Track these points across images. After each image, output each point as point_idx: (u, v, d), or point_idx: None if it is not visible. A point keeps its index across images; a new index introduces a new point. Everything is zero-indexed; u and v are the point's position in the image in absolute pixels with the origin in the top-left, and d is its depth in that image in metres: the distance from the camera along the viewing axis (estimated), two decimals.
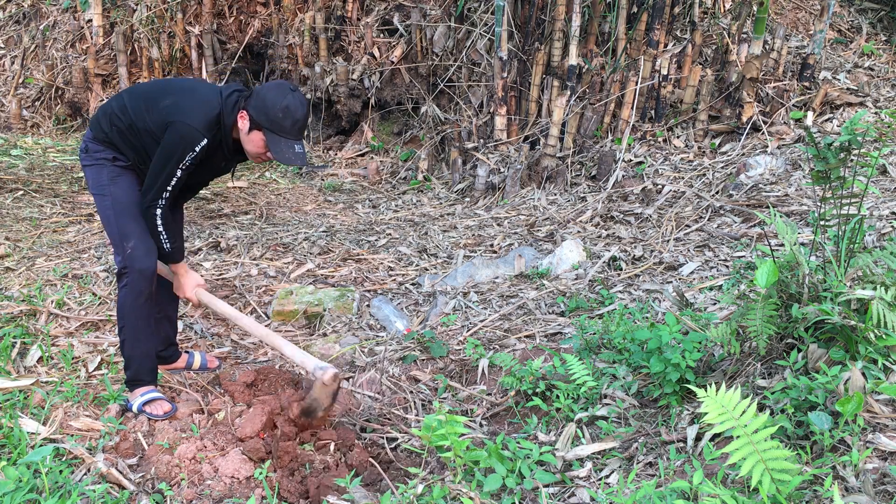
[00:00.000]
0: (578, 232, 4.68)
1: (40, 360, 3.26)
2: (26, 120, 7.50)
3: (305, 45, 7.08)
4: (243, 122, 2.73)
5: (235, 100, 2.75)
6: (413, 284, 4.28)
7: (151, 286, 2.89)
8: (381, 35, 7.03)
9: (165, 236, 2.82)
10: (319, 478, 2.59)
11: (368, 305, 3.99)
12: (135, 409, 2.89)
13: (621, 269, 4.05)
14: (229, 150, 2.83)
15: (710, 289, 3.55)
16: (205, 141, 2.69)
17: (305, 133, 2.94)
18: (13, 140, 6.95)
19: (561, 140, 5.63)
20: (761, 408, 2.30)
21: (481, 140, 6.04)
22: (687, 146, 5.47)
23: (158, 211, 2.76)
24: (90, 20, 7.69)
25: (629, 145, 5.51)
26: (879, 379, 2.18)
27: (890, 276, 2.32)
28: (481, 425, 2.90)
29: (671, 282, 3.79)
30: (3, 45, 8.31)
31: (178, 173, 2.71)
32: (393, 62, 6.78)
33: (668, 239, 4.31)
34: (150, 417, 2.87)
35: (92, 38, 7.63)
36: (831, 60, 6.01)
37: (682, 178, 5.07)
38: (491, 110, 6.04)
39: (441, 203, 5.83)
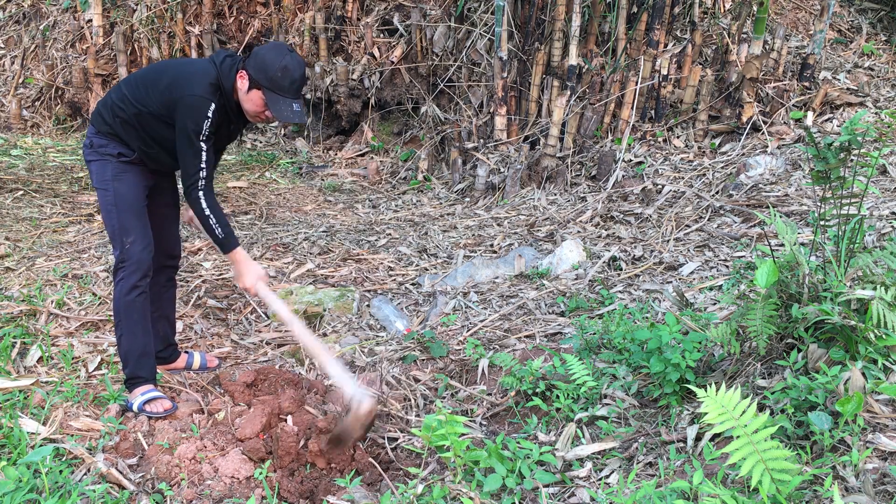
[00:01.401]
0: (578, 232, 4.68)
1: (40, 360, 3.26)
2: (26, 120, 7.50)
3: (305, 45, 7.08)
4: (242, 82, 2.76)
5: (230, 64, 2.79)
6: (413, 284, 4.28)
7: (147, 281, 2.89)
8: (381, 35, 7.03)
9: (215, 220, 2.78)
10: (319, 478, 2.60)
11: (368, 305, 3.99)
12: (135, 408, 2.89)
13: (621, 269, 4.05)
14: (234, 113, 2.87)
15: (710, 289, 3.55)
16: (213, 105, 2.72)
17: (302, 93, 3.00)
18: (13, 140, 6.95)
19: (561, 140, 5.63)
20: (761, 408, 2.30)
21: (481, 140, 6.04)
22: (687, 146, 5.47)
23: (200, 193, 2.75)
24: (90, 20, 7.69)
25: (629, 145, 5.51)
26: (879, 379, 2.18)
27: (890, 276, 2.32)
28: (481, 425, 2.90)
29: (671, 282, 3.79)
30: (3, 45, 8.31)
31: (204, 146, 2.74)
32: (393, 62, 6.78)
33: (668, 239, 4.31)
34: (151, 416, 2.87)
35: (92, 38, 7.63)
36: (831, 60, 6.01)
37: (682, 178, 5.07)
38: (491, 110, 6.04)
39: (441, 203, 5.83)
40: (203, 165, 2.75)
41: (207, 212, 2.77)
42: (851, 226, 2.46)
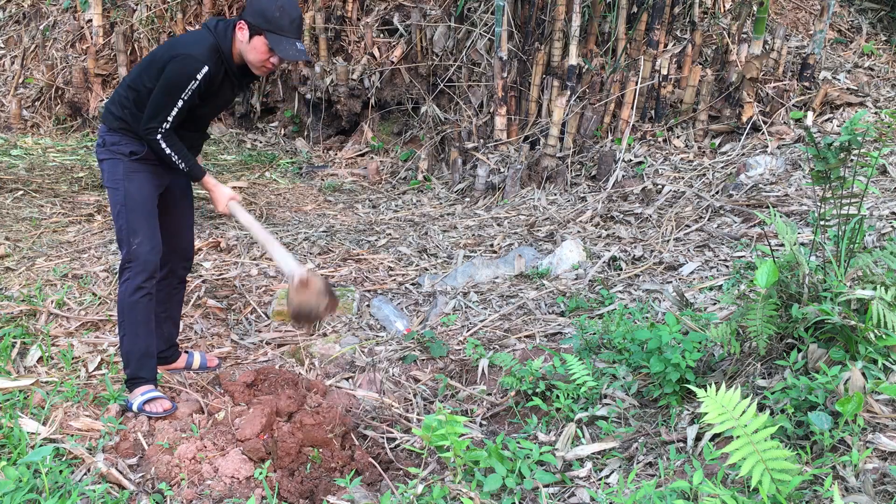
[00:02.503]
0: (578, 232, 4.68)
1: (40, 360, 3.26)
2: (26, 120, 7.50)
3: (305, 45, 7.07)
4: (242, 33, 2.76)
5: (224, 26, 2.81)
6: (413, 284, 4.28)
7: (152, 282, 2.89)
8: (381, 35, 7.03)
9: (176, 157, 2.81)
10: (319, 478, 2.60)
11: (368, 305, 3.99)
12: (135, 408, 2.89)
13: (621, 269, 4.05)
14: (235, 75, 2.87)
15: (710, 289, 3.55)
16: (206, 68, 2.72)
17: (302, 34, 3.04)
18: (13, 140, 6.95)
19: (561, 140, 5.63)
20: (761, 408, 2.30)
21: (481, 140, 6.04)
22: (687, 146, 5.47)
23: (158, 136, 2.77)
24: (90, 20, 7.69)
25: (629, 145, 5.51)
26: (879, 379, 2.18)
27: (890, 276, 2.32)
28: (481, 425, 2.90)
29: (671, 282, 3.79)
30: (3, 45, 8.31)
31: (180, 103, 2.74)
32: (393, 62, 6.78)
33: (668, 239, 4.31)
34: (150, 416, 2.87)
35: (92, 38, 7.63)
36: (831, 60, 6.01)
37: (682, 178, 5.07)
38: (491, 110, 6.04)
39: (441, 203, 5.83)
40: (170, 118, 2.75)
41: (168, 150, 2.80)
42: (851, 226, 2.46)
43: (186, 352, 3.36)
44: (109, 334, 3.55)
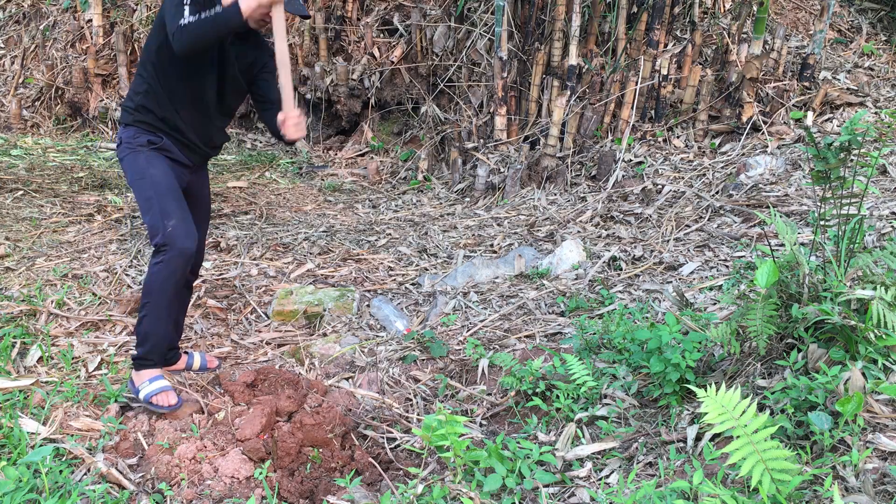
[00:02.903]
0: (578, 232, 4.68)
1: (40, 360, 3.26)
2: (26, 120, 7.50)
3: (305, 45, 7.08)
4: None
5: None
6: (413, 284, 4.28)
7: (186, 269, 2.84)
8: (381, 35, 7.03)
9: (203, 13, 2.61)
10: (319, 478, 2.60)
11: (368, 305, 3.99)
12: (141, 396, 2.85)
13: (621, 269, 4.05)
14: None
15: (710, 289, 3.55)
16: None
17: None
18: (13, 140, 6.95)
19: (561, 140, 5.63)
20: (761, 408, 2.30)
21: (481, 140, 6.04)
22: (687, 146, 5.47)
23: (182, 24, 2.60)
24: (90, 20, 7.69)
25: (629, 145, 5.51)
26: (879, 379, 2.18)
27: (890, 276, 2.32)
28: (481, 425, 2.90)
29: (671, 282, 3.79)
30: (3, 45, 8.31)
31: (186, 9, 2.61)
32: (393, 62, 6.78)
33: (668, 239, 4.31)
34: (156, 409, 2.85)
35: (92, 38, 7.63)
36: (831, 60, 6.01)
37: (682, 178, 5.07)
38: (491, 110, 6.04)
39: (441, 203, 5.83)
40: (184, 21, 2.59)
41: (194, 18, 2.61)
42: (851, 226, 2.46)
43: (186, 352, 3.35)
44: (109, 334, 3.55)
